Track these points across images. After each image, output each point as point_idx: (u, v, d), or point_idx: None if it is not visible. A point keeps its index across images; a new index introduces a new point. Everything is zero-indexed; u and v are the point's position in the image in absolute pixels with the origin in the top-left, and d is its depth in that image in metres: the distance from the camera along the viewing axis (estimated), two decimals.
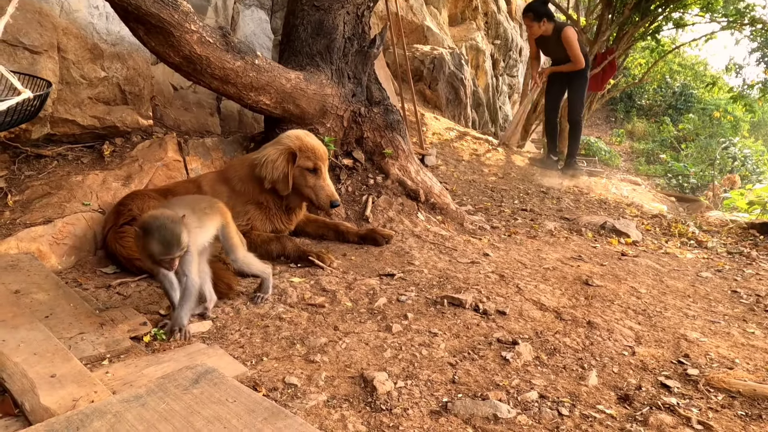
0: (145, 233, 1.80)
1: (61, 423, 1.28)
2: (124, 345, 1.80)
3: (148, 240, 1.80)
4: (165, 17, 2.70)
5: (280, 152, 2.85)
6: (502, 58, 11.16)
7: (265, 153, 2.87)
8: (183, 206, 2.01)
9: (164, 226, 1.80)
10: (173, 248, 1.80)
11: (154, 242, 1.79)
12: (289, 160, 2.85)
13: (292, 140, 2.90)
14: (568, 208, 4.80)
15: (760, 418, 1.58)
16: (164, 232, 1.79)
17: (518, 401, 1.62)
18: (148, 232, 1.80)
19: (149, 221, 1.82)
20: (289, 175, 2.84)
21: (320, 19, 3.62)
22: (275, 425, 1.29)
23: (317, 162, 2.89)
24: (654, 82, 15.97)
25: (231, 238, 2.15)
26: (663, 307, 2.51)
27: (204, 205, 2.12)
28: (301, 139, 2.91)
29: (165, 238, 1.79)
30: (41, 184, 2.91)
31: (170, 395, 1.41)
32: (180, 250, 1.82)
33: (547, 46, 6.20)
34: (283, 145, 2.88)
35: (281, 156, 2.83)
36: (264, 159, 2.83)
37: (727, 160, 11.53)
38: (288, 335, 1.98)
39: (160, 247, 1.79)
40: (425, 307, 2.29)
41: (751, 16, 7.51)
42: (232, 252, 2.15)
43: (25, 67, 2.90)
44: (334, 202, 2.94)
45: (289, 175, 2.84)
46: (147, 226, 1.81)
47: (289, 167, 2.84)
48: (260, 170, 2.83)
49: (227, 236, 2.15)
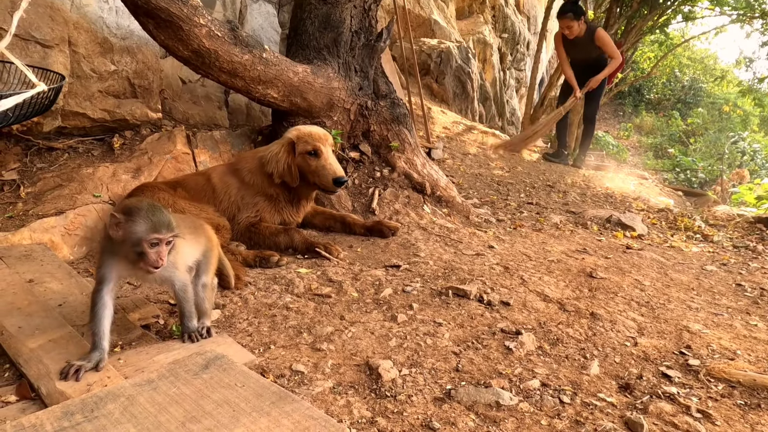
0: (129, 216, 1.57)
1: (77, 405, 1.33)
2: (135, 333, 1.84)
3: (132, 223, 1.56)
4: (174, 11, 2.74)
5: (280, 145, 2.95)
6: (510, 51, 11.13)
7: (269, 149, 2.98)
8: None
9: (153, 206, 1.60)
10: (164, 227, 1.57)
11: (141, 222, 1.55)
12: (289, 151, 2.92)
13: (291, 132, 3.01)
14: (575, 202, 4.81)
15: (758, 407, 1.60)
16: (154, 211, 1.58)
17: (520, 389, 1.65)
18: (134, 213, 1.57)
19: (133, 204, 1.61)
20: (293, 165, 2.91)
21: (327, 12, 3.64)
22: (282, 409, 1.33)
23: (315, 144, 2.91)
24: (663, 76, 15.88)
25: (209, 265, 1.93)
26: (666, 300, 2.53)
27: (190, 224, 1.93)
28: (299, 129, 3.01)
29: (155, 216, 1.57)
30: (53, 176, 2.97)
31: (181, 380, 1.45)
32: (171, 231, 1.59)
33: (575, 47, 6.12)
34: (283, 139, 2.99)
35: (282, 149, 2.92)
36: (269, 155, 2.93)
37: (736, 154, 11.46)
38: (295, 324, 2.02)
39: (149, 224, 1.55)
40: (430, 297, 2.32)
41: (762, 8, 7.44)
42: (201, 277, 1.89)
43: (37, 61, 2.95)
44: (339, 179, 2.88)
45: (292, 165, 2.91)
46: (131, 208, 1.59)
47: (291, 158, 2.91)
48: (267, 166, 2.93)
49: (206, 262, 1.92)
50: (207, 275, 1.92)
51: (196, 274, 1.89)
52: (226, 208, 2.90)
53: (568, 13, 5.92)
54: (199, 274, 1.90)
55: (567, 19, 5.94)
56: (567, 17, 5.94)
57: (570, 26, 5.95)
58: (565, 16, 5.96)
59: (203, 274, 1.90)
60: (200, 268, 1.90)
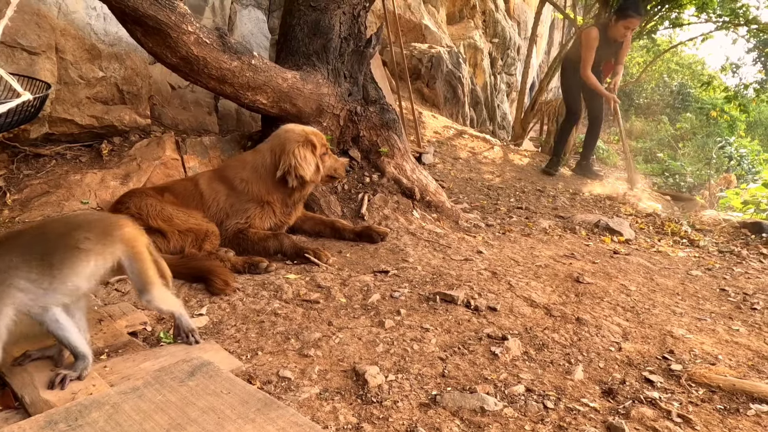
0: None
1: (61, 414, 1.33)
2: (122, 340, 1.84)
3: None
4: (162, 19, 2.74)
5: (305, 148, 2.91)
6: (500, 56, 11.20)
7: (290, 155, 2.87)
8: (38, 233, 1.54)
9: None
10: None
11: None
12: (314, 152, 2.96)
13: (304, 134, 2.96)
14: (564, 206, 4.85)
15: (737, 411, 1.63)
16: None
17: (505, 394, 1.67)
18: None
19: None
20: (320, 164, 2.98)
21: (317, 19, 3.66)
22: (268, 415, 1.34)
23: (326, 144, 3.08)
24: (652, 81, 16.03)
25: (142, 274, 1.62)
26: (651, 305, 2.56)
27: (96, 227, 1.58)
28: (306, 131, 3.00)
29: None
30: (40, 183, 2.96)
31: (167, 387, 1.45)
32: None
33: (609, 49, 5.62)
34: (301, 141, 2.92)
35: (308, 151, 2.92)
36: (294, 161, 2.86)
37: (724, 159, 11.59)
38: (283, 330, 2.02)
39: None
40: (418, 303, 2.33)
41: (746, 14, 7.55)
42: (145, 292, 1.63)
43: (24, 68, 2.94)
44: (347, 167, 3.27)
45: (320, 165, 2.98)
46: None
47: (317, 158, 2.97)
48: (295, 172, 2.87)
49: (137, 272, 1.62)
50: (149, 290, 1.63)
51: (139, 292, 1.64)
52: (215, 214, 2.90)
53: (636, 15, 5.32)
54: (139, 291, 1.64)
55: (635, 20, 5.37)
56: (636, 19, 5.35)
57: (634, 28, 5.44)
58: (633, 18, 5.33)
59: (143, 291, 1.63)
60: (135, 284, 1.64)
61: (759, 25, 7.64)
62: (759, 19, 7.67)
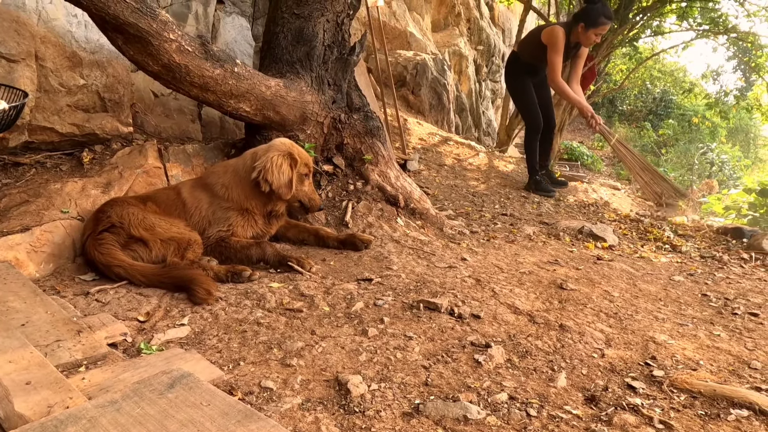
0: None
1: (36, 429, 1.30)
2: (101, 351, 1.81)
3: None
4: (143, 27, 2.72)
5: (283, 158, 2.89)
6: (485, 63, 11.29)
7: (267, 159, 2.86)
8: None
9: None
10: None
11: None
12: (292, 166, 2.92)
13: (288, 147, 2.96)
14: (548, 213, 4.88)
15: (718, 417, 1.64)
16: None
17: (488, 402, 1.67)
18: None
19: None
20: (294, 180, 2.93)
21: (300, 26, 3.66)
22: (248, 427, 1.32)
23: (310, 168, 3.06)
24: (635, 88, 16.24)
25: None
26: (634, 311, 2.57)
27: None
28: (295, 147, 3.01)
29: None
30: (19, 192, 2.91)
31: (145, 400, 1.43)
32: None
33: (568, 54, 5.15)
34: (282, 152, 2.91)
35: (285, 162, 2.89)
36: (269, 165, 2.84)
37: (706, 165, 11.76)
38: (265, 340, 2.01)
39: None
40: (401, 311, 2.33)
41: (725, 23, 7.68)
42: None
43: (2, 76, 2.90)
44: (321, 206, 3.21)
45: (293, 180, 2.92)
46: None
47: (293, 173, 2.92)
48: (264, 175, 2.83)
49: None
50: None
51: None
52: (197, 223, 2.88)
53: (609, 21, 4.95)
54: None
55: (611, 22, 5.04)
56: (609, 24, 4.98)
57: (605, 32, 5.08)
58: (611, 21, 5.00)
59: None
60: None
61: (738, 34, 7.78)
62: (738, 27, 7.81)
